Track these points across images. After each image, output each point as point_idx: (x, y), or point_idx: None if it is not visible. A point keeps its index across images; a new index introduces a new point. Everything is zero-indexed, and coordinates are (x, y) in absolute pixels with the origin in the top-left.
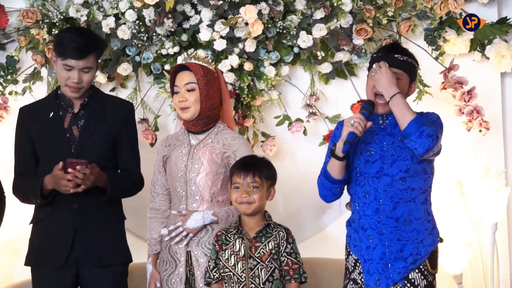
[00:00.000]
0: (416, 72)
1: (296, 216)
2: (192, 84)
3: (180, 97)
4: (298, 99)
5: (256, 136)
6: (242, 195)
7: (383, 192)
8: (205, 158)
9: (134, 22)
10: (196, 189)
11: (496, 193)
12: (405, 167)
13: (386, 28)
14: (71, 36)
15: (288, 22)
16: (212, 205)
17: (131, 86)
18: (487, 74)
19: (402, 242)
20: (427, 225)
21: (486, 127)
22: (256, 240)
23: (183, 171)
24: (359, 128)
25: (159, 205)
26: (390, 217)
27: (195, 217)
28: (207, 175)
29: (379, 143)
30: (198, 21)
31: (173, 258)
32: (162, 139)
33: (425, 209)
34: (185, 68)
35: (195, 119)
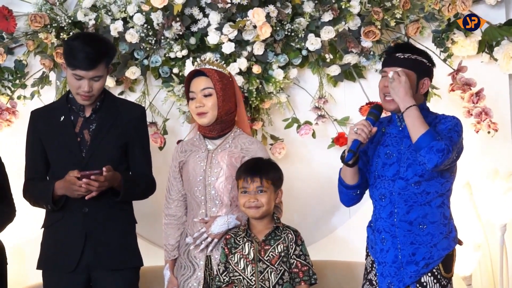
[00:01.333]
0: (426, 68)
1: (306, 219)
2: (209, 89)
3: (197, 103)
4: (307, 101)
5: (265, 139)
6: (250, 199)
7: (398, 195)
8: (224, 162)
9: (142, 25)
10: (215, 193)
11: (505, 194)
12: (420, 171)
13: (394, 30)
14: (80, 45)
15: (296, 25)
16: (231, 209)
17: (139, 90)
18: (495, 75)
19: (415, 245)
20: (443, 229)
21: (494, 128)
22: (265, 243)
23: (202, 176)
24: (363, 135)
25: (175, 211)
26: (403, 220)
27: (219, 221)
28: (226, 180)
29: (396, 145)
30: (206, 24)
31: (191, 263)
32: (177, 145)
33: (441, 212)
34: (200, 73)
35: (212, 124)
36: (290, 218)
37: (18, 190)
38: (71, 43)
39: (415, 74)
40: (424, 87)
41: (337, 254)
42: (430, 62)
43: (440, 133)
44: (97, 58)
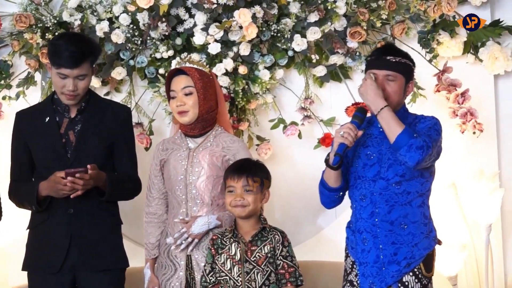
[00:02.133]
0: (412, 71)
1: (292, 219)
2: (189, 88)
3: (178, 101)
4: (293, 102)
5: (251, 139)
6: (236, 198)
7: (379, 195)
8: (205, 161)
9: (128, 26)
10: (196, 192)
11: (490, 195)
12: (401, 171)
13: (380, 31)
14: (65, 44)
15: (282, 26)
16: (212, 208)
17: (125, 90)
18: (480, 76)
19: (396, 245)
20: (424, 228)
21: (479, 129)
22: (252, 243)
23: (183, 175)
24: (349, 139)
25: (156, 209)
26: (385, 220)
27: (200, 222)
28: (207, 179)
29: (377, 146)
30: (192, 25)
31: (172, 262)
32: (158, 143)
33: (422, 212)
34: (181, 72)
35: (193, 122)
36: (276, 218)
37: (4, 191)
38: (56, 42)
39: (404, 78)
40: (409, 90)
41: (324, 254)
42: (413, 64)
43: (419, 131)
44: (82, 56)
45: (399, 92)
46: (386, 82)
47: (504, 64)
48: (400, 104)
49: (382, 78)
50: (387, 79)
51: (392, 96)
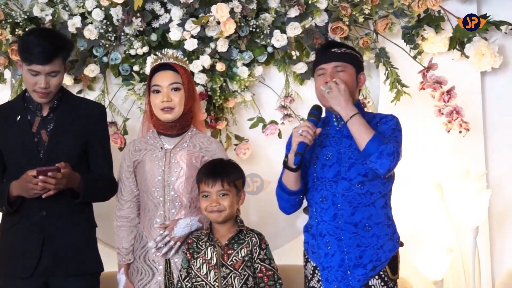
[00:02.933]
0: (360, 62)
1: (271, 222)
2: (177, 84)
3: (164, 97)
4: (273, 100)
5: (229, 139)
6: (211, 204)
7: (341, 196)
8: (184, 161)
9: (101, 21)
10: (175, 194)
11: (476, 196)
12: (363, 171)
13: (362, 26)
14: (35, 39)
15: (261, 21)
16: (191, 211)
17: (98, 88)
18: (466, 73)
19: (361, 248)
20: (387, 230)
21: (466, 128)
22: (228, 247)
23: (160, 176)
24: (308, 137)
25: (128, 212)
26: (348, 222)
27: (182, 224)
28: (186, 180)
29: (335, 146)
30: (168, 20)
31: (149, 267)
32: (128, 144)
33: (385, 213)
34: (166, 67)
35: (175, 120)
36: (254, 221)
37: None
38: (26, 38)
39: (354, 68)
40: (361, 81)
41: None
42: (360, 56)
43: (384, 135)
44: (53, 52)
45: (351, 82)
46: (336, 74)
47: (491, 61)
48: (353, 98)
49: (331, 71)
50: (337, 70)
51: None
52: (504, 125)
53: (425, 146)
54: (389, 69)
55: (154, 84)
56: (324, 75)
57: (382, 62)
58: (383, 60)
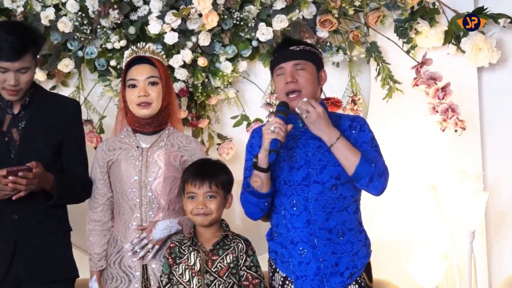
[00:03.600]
0: (320, 60)
1: (256, 227)
2: (155, 78)
3: (141, 91)
4: (257, 97)
5: (212, 138)
6: (198, 206)
7: (315, 201)
8: (162, 161)
9: (76, 13)
10: (152, 195)
11: (473, 198)
12: (336, 173)
13: (353, 19)
14: (3, 34)
15: (246, 13)
16: (169, 213)
17: (73, 84)
18: (462, 69)
19: (337, 255)
20: (360, 236)
21: (462, 126)
22: (213, 253)
23: (137, 176)
24: (281, 134)
25: (101, 216)
26: (323, 228)
27: (161, 226)
28: (164, 180)
29: (302, 147)
30: (146, 12)
31: (125, 274)
32: (100, 144)
33: (356, 219)
34: (143, 60)
35: (151, 117)
36: (239, 226)
37: None
38: None
39: (314, 66)
40: (323, 79)
41: None
42: (319, 52)
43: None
44: (23, 48)
45: (311, 80)
46: (296, 72)
47: (488, 56)
48: (315, 96)
49: (291, 69)
50: (297, 69)
51: (305, 85)
52: (502, 124)
53: (419, 145)
54: (380, 65)
55: (130, 78)
56: (283, 75)
57: (373, 57)
58: (374, 55)
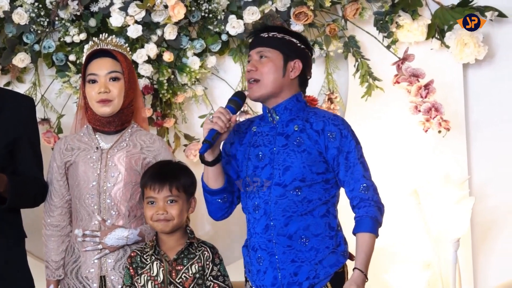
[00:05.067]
0: (297, 49)
1: (224, 233)
2: (117, 73)
3: (101, 87)
4: (227, 95)
5: (178, 139)
6: (158, 211)
7: (274, 204)
8: (123, 165)
9: (32, 4)
10: (111, 202)
11: (458, 204)
12: (300, 175)
13: (329, 11)
14: None
15: (215, 5)
16: (130, 220)
17: (29, 80)
18: (447, 65)
19: (296, 263)
20: (329, 242)
21: (446, 127)
22: (177, 262)
23: (95, 181)
24: (219, 123)
25: (58, 220)
26: (282, 234)
27: (118, 234)
28: (125, 186)
29: (268, 145)
30: (108, 4)
31: (82, 285)
32: (59, 141)
33: (326, 223)
34: (105, 54)
35: (112, 116)
36: (206, 232)
37: None
38: None
39: (281, 55)
40: (295, 70)
41: None
42: (304, 45)
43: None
44: None
45: (273, 69)
46: (259, 60)
47: (474, 51)
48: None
49: (255, 57)
50: (259, 56)
51: (264, 74)
52: (489, 124)
53: (400, 147)
54: (359, 60)
55: (90, 72)
56: (250, 63)
57: (351, 52)
58: (352, 50)
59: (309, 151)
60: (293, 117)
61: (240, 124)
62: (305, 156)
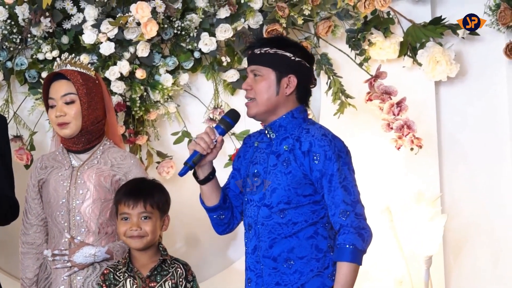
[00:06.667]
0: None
1: (198, 250)
2: (71, 95)
3: (57, 111)
4: (200, 112)
5: (151, 156)
6: (132, 227)
7: (261, 226)
8: (91, 182)
9: (4, 21)
10: (81, 219)
11: (430, 221)
12: (286, 198)
13: (302, 29)
14: None
15: (187, 22)
16: (100, 237)
17: (1, 98)
18: (419, 83)
19: (280, 287)
20: (315, 264)
21: (418, 144)
22: (151, 279)
23: (65, 198)
24: (202, 145)
25: (34, 238)
26: (267, 256)
27: (86, 252)
28: (94, 203)
29: (263, 163)
30: (81, 21)
31: None
32: (36, 160)
33: (312, 245)
34: (61, 76)
35: (76, 136)
36: (178, 249)
37: None
38: None
39: (274, 72)
40: (290, 86)
41: None
42: (301, 56)
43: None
44: None
45: (265, 88)
46: (254, 79)
47: (446, 69)
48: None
49: (250, 75)
50: (253, 74)
51: (257, 94)
52: (461, 142)
53: (372, 164)
54: (331, 78)
55: (49, 97)
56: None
57: (323, 69)
58: (325, 67)
59: (294, 173)
60: (287, 135)
61: (251, 135)
62: (290, 178)
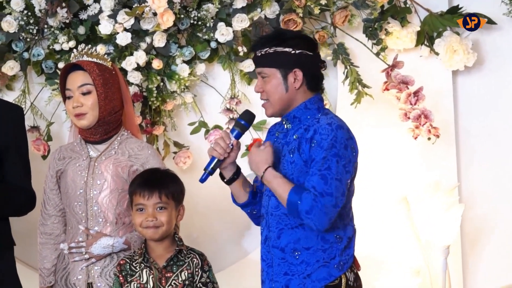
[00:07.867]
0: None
1: (213, 241)
2: (87, 86)
3: (74, 102)
4: (217, 102)
5: (168, 146)
6: (147, 218)
7: (271, 216)
8: (109, 172)
9: (21, 12)
10: (98, 209)
11: (448, 211)
12: None
13: (318, 18)
14: None
15: (203, 12)
16: (117, 228)
17: (18, 88)
18: (436, 72)
19: (288, 276)
20: (321, 255)
21: (435, 134)
22: (167, 269)
23: (82, 189)
24: (218, 150)
25: (52, 228)
26: (275, 246)
27: (103, 243)
28: (111, 193)
29: (278, 153)
30: (97, 11)
31: None
32: (54, 151)
33: (319, 236)
34: (77, 67)
35: (93, 126)
36: (194, 240)
37: None
38: None
39: (278, 70)
40: (297, 80)
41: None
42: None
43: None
44: None
45: (275, 87)
46: (263, 80)
47: (463, 58)
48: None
49: (260, 77)
50: (261, 76)
51: (269, 95)
52: (478, 131)
53: (389, 154)
54: (348, 68)
55: (66, 88)
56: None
57: (340, 59)
58: (341, 57)
59: (297, 161)
60: (301, 125)
61: (276, 124)
62: (293, 167)
